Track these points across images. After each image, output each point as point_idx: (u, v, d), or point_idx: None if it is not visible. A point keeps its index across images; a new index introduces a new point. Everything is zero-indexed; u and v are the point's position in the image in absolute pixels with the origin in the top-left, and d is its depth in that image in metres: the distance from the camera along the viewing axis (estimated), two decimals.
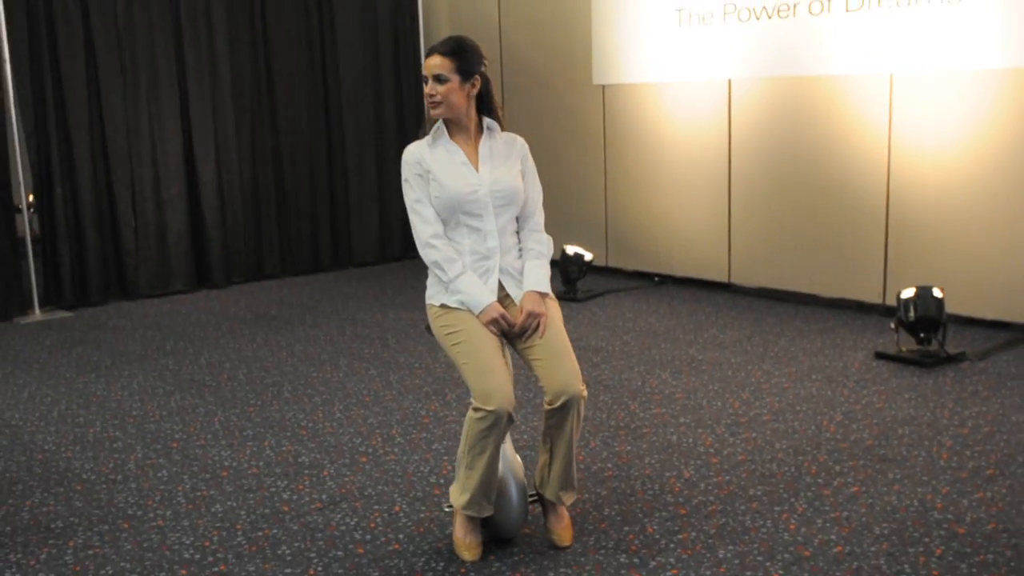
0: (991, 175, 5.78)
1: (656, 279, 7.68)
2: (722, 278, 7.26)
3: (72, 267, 7.51)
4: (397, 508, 3.71)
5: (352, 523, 3.60)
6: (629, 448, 4.21)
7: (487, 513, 3.29)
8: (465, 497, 3.25)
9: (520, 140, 3.45)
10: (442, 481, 3.94)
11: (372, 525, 3.57)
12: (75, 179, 7.49)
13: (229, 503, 3.82)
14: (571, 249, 7.27)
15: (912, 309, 5.29)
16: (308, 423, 4.71)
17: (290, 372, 5.61)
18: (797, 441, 4.22)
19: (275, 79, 8.40)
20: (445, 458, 4.18)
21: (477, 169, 3.31)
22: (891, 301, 6.23)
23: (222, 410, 4.97)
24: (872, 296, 6.40)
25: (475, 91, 3.31)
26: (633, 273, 7.85)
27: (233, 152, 8.20)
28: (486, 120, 3.36)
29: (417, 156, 3.33)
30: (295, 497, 3.85)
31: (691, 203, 7.38)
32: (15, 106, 7.18)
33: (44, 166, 7.38)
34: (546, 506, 3.40)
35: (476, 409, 3.11)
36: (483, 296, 3.24)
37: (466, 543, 3.31)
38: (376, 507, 3.73)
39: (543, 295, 3.32)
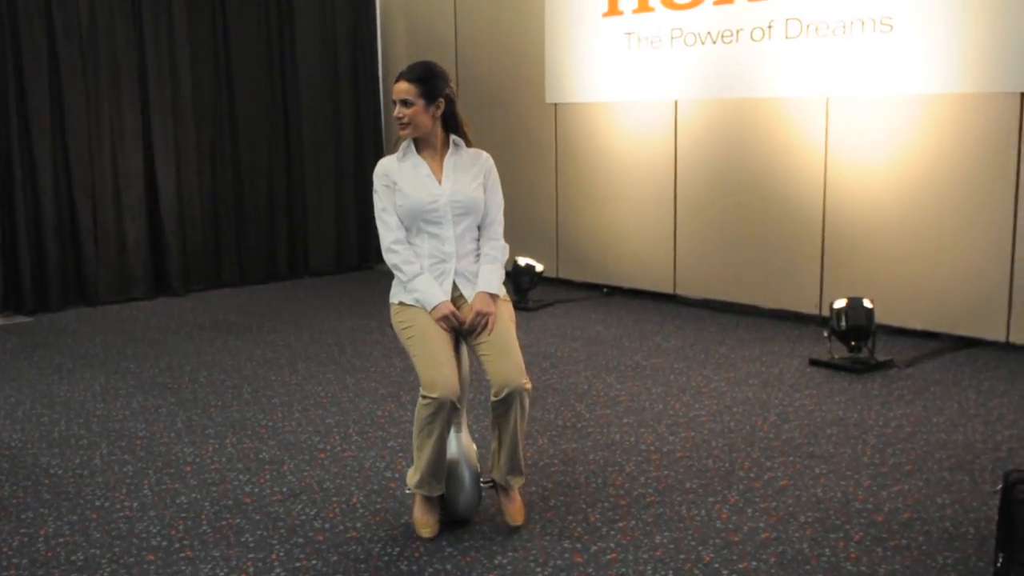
0: (920, 193, 6.13)
1: (605, 290, 7.95)
2: (668, 289, 7.55)
3: (32, 273, 7.62)
4: (355, 500, 3.92)
5: (312, 513, 3.80)
6: (575, 446, 4.46)
7: (437, 492, 3.60)
8: (417, 477, 3.59)
9: (485, 155, 3.79)
10: (397, 475, 4.15)
11: (331, 515, 3.78)
12: (36, 186, 7.60)
13: (193, 495, 4.00)
14: (523, 260, 7.52)
15: (844, 319, 5.60)
16: (268, 422, 4.90)
17: (249, 375, 5.79)
18: (732, 440, 4.49)
19: (235, 90, 8.58)
20: (400, 454, 4.40)
21: (440, 181, 3.64)
22: (827, 312, 6.53)
23: (184, 410, 5.14)
24: (809, 307, 6.72)
25: (439, 112, 3.64)
26: (582, 284, 8.12)
27: (193, 162, 8.37)
28: (452, 137, 3.70)
29: (386, 169, 3.67)
30: (256, 490, 4.04)
31: (639, 217, 7.66)
32: None
33: (5, 173, 7.49)
34: (499, 489, 3.69)
35: (423, 396, 3.44)
36: (436, 295, 3.57)
37: (424, 521, 3.61)
38: (335, 499, 3.93)
39: (493, 296, 3.63)
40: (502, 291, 3.68)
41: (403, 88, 3.58)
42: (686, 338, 6.41)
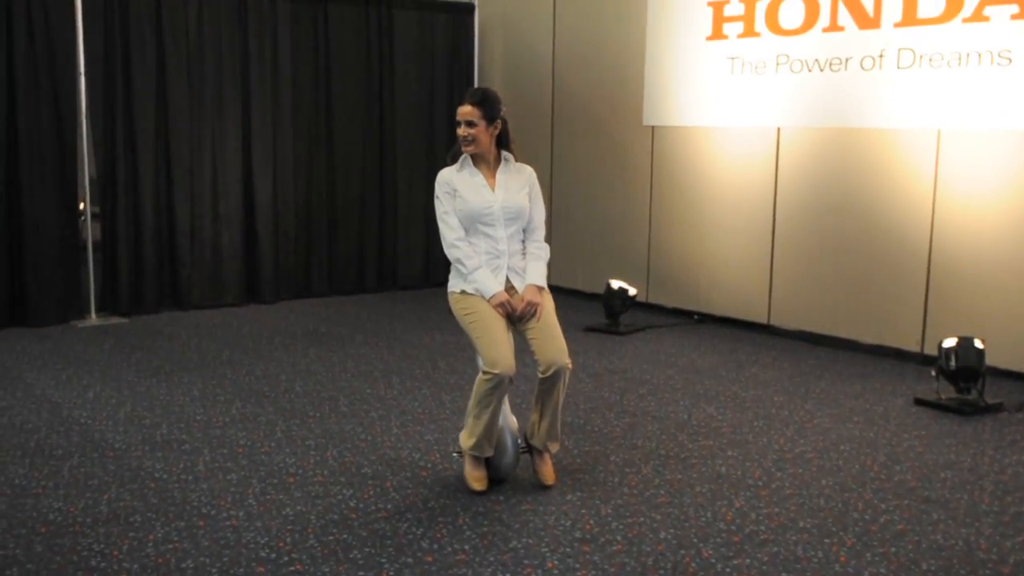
0: None
1: (696, 317, 7.85)
2: (762, 319, 7.42)
3: (129, 275, 7.75)
4: (460, 520, 3.88)
5: (419, 532, 3.77)
6: (680, 476, 4.37)
7: (489, 453, 4.17)
8: (472, 440, 4.14)
9: (529, 170, 4.37)
10: (502, 497, 4.11)
11: (438, 535, 3.74)
12: (138, 189, 7.74)
13: (298, 507, 4.00)
14: (615, 283, 7.46)
15: (953, 358, 5.44)
16: (367, 436, 4.90)
17: (345, 387, 5.80)
18: (842, 479, 4.37)
19: (334, 105, 8.65)
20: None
21: (493, 190, 4.23)
22: (929, 350, 6.37)
23: (283, 420, 5.16)
24: (911, 344, 6.55)
25: (496, 132, 4.24)
26: (672, 310, 8.02)
27: (289, 173, 8.46)
28: (504, 153, 4.29)
29: (447, 178, 4.26)
30: (362, 505, 4.03)
31: (734, 245, 7.56)
32: (86, 117, 7.44)
33: (109, 175, 7.64)
34: (533, 454, 4.30)
35: (485, 372, 4.02)
36: (493, 286, 4.15)
37: (476, 476, 4.19)
38: (440, 519, 3.90)
39: (540, 288, 4.23)
40: (546, 284, 4.27)
41: (468, 111, 4.18)
42: (783, 370, 6.29)
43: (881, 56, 6.63)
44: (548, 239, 4.42)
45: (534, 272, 4.25)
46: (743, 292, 7.53)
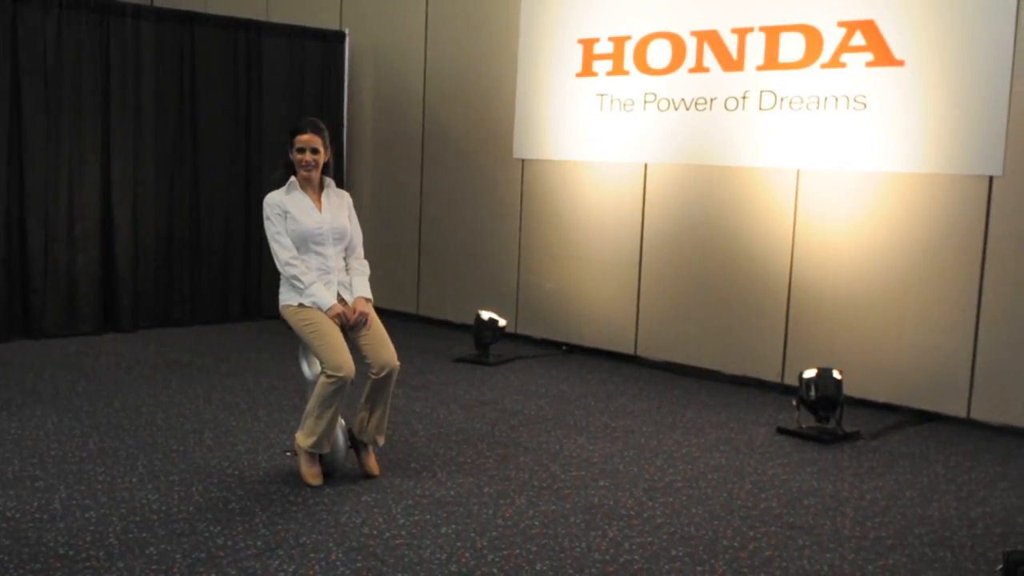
0: (886, 268, 6.23)
1: (564, 347, 7.92)
2: (629, 350, 7.55)
3: None
4: (333, 557, 3.80)
5: (290, 570, 3.67)
6: (554, 507, 4.39)
7: (327, 450, 4.58)
8: (313, 439, 4.51)
9: (347, 194, 4.83)
10: (375, 532, 4.04)
11: (310, 573, 3.65)
12: None
13: (163, 546, 3.84)
14: (485, 314, 7.47)
15: (813, 389, 5.64)
16: (234, 471, 4.75)
17: (210, 420, 5.62)
18: (711, 507, 4.46)
19: (199, 130, 8.45)
20: (376, 510, 4.28)
21: (320, 212, 4.65)
22: (789, 380, 6.59)
23: (144, 454, 4.96)
24: (771, 375, 6.76)
25: (327, 158, 4.69)
26: (541, 341, 8.08)
27: (150, 197, 8.20)
28: (325, 178, 4.73)
29: (277, 200, 4.64)
30: (230, 543, 3.89)
31: (602, 277, 7.68)
32: None
33: None
34: (360, 449, 4.72)
35: (329, 376, 4.40)
36: (329, 299, 4.58)
37: (312, 472, 4.57)
38: (312, 555, 3.80)
39: (368, 300, 4.69)
40: (371, 296, 4.73)
41: (313, 139, 4.62)
42: (651, 400, 6.40)
43: (744, 97, 6.87)
44: (417, 268, 4.75)
45: (360, 286, 4.72)
46: (611, 323, 7.65)
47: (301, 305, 4.56)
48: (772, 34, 6.73)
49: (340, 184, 9.30)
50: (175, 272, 8.43)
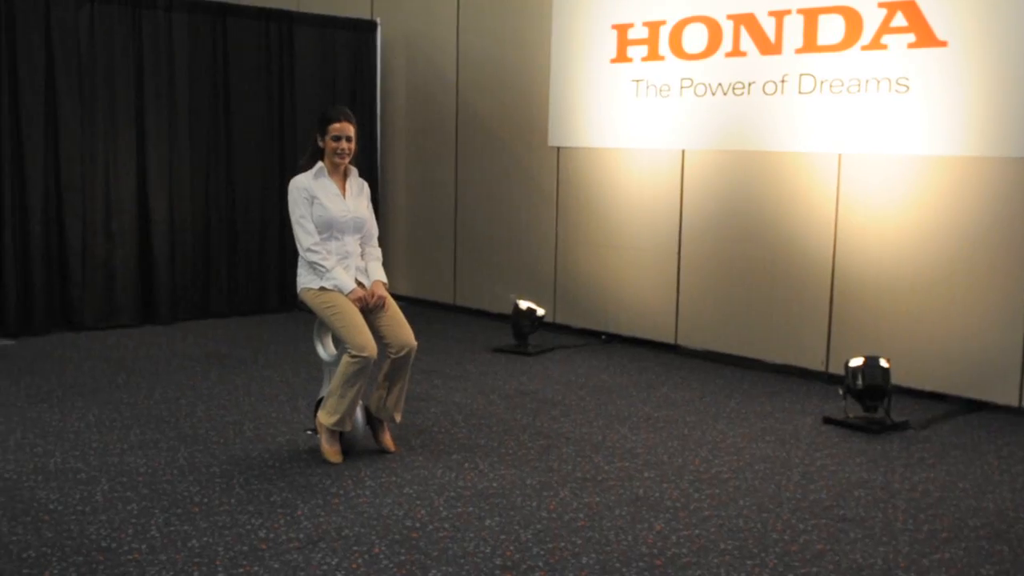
0: (932, 253, 6.10)
1: (603, 337, 7.84)
2: (669, 339, 7.46)
3: (17, 294, 7.38)
4: (376, 550, 3.75)
5: (333, 563, 3.63)
6: (598, 499, 4.32)
7: (349, 428, 4.71)
8: (336, 417, 4.64)
9: (366, 183, 4.95)
10: (417, 525, 3.99)
11: (354, 566, 3.61)
12: (26, 206, 7.39)
13: (205, 539, 3.81)
14: (523, 304, 7.40)
15: (860, 377, 5.52)
16: (275, 463, 4.72)
17: (250, 411, 5.60)
18: (759, 499, 4.37)
19: (233, 120, 8.43)
20: (418, 502, 4.23)
21: (345, 199, 4.77)
22: (834, 369, 6.48)
23: (184, 446, 4.95)
24: (815, 363, 6.65)
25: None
26: (580, 330, 8.00)
27: (186, 189, 8.20)
28: (350, 167, 4.84)
29: (305, 184, 4.73)
30: (272, 535, 3.86)
31: (641, 265, 7.59)
32: None
33: None
34: (375, 426, 4.89)
35: (353, 356, 4.54)
36: (349, 282, 4.71)
37: (333, 450, 4.71)
38: (355, 548, 3.76)
39: (384, 284, 4.85)
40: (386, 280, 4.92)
41: (349, 128, 4.72)
42: (693, 390, 6.31)
43: (783, 81, 6.75)
44: (454, 258, 4.73)
45: (377, 271, 4.87)
46: (650, 312, 7.56)
47: (322, 288, 4.68)
48: (811, 16, 6.60)
49: (374, 174, 9.31)
50: (212, 264, 8.42)
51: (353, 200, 4.81)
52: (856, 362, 5.58)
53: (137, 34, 7.83)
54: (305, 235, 4.69)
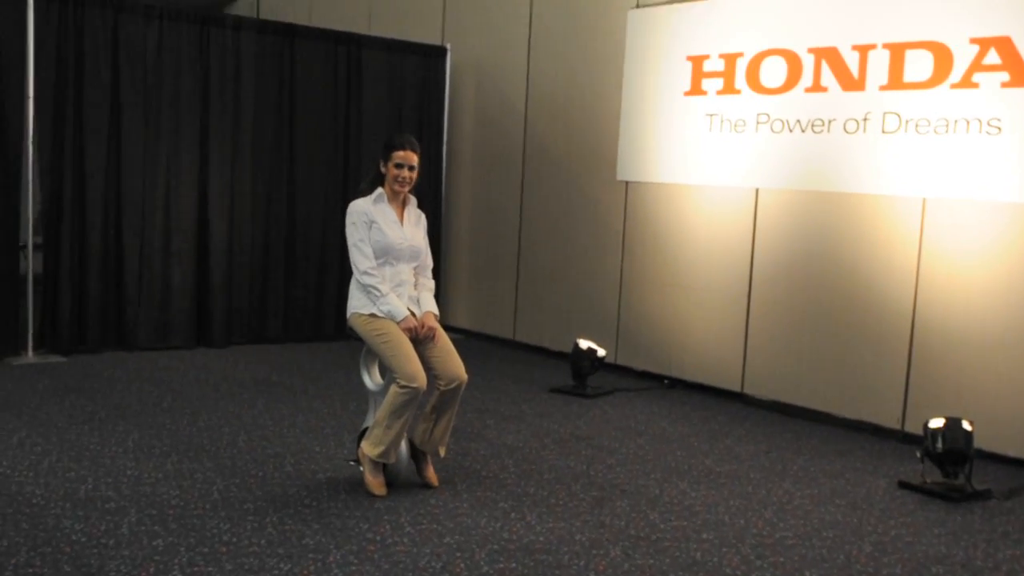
0: (1020, 308, 5.69)
1: (666, 381, 7.51)
2: (735, 387, 7.11)
3: (71, 311, 7.31)
4: None
5: None
6: (652, 562, 4.01)
7: (393, 460, 4.61)
8: (380, 448, 4.54)
9: (423, 215, 4.92)
10: None
11: None
12: (84, 222, 7.34)
13: None
14: (584, 343, 7.12)
15: (940, 440, 5.14)
16: (312, 502, 4.49)
17: (292, 444, 5.39)
18: (827, 570, 4.02)
19: (297, 144, 8.31)
20: (458, 555, 3.97)
21: (402, 227, 4.73)
22: (910, 428, 6.09)
23: (221, 478, 4.75)
24: (890, 421, 6.26)
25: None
26: (642, 373, 7.69)
27: (247, 212, 8.09)
28: (410, 195, 4.82)
29: (365, 208, 4.70)
30: None
31: (708, 308, 7.26)
32: (32, 143, 7.03)
33: (55, 206, 7.23)
34: (419, 459, 4.77)
35: (402, 386, 4.45)
36: (403, 310, 4.62)
37: (376, 482, 4.60)
38: None
39: (435, 315, 4.75)
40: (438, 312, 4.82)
41: (413, 157, 4.68)
42: (759, 444, 5.96)
43: (865, 119, 6.42)
44: (515, 292, 4.47)
45: (428, 302, 4.76)
46: (716, 358, 7.23)
47: (373, 315, 4.60)
48: (897, 51, 6.26)
49: (438, 202, 9.13)
50: (270, 288, 8.29)
51: (411, 228, 4.77)
52: (936, 423, 5.20)
53: (204, 53, 7.76)
54: (362, 258, 4.64)
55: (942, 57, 6.04)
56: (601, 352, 7.10)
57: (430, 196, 9.05)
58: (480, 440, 5.65)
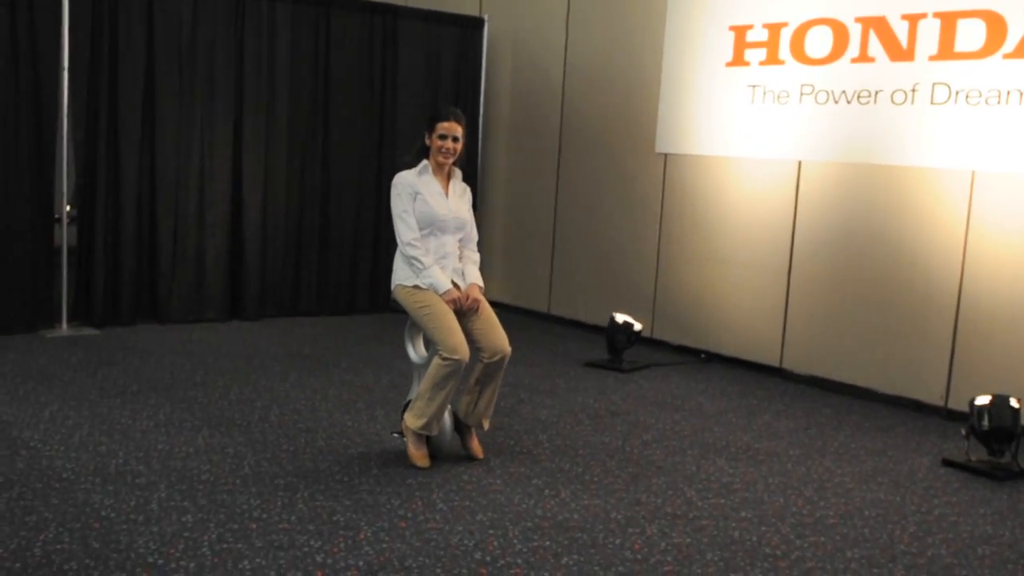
0: None
1: (703, 356, 7.39)
2: (773, 362, 6.97)
3: (105, 284, 7.30)
4: None
5: None
6: (689, 540, 3.92)
7: (435, 432, 4.59)
8: (423, 420, 4.52)
9: (468, 188, 4.86)
10: (488, 559, 3.65)
11: None
12: (119, 195, 7.31)
13: (258, 560, 3.54)
14: (620, 317, 7.01)
15: (986, 418, 4.99)
16: (344, 478, 4.44)
17: (324, 419, 5.34)
18: (869, 551, 3.91)
19: (332, 116, 8.23)
20: (491, 532, 3.90)
21: (447, 199, 4.68)
22: (954, 404, 5.94)
23: (252, 453, 4.71)
24: (934, 397, 6.10)
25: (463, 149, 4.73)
26: (678, 347, 7.57)
27: (282, 185, 8.03)
28: (454, 168, 4.77)
29: (410, 180, 4.67)
30: (329, 560, 3.57)
31: (748, 282, 7.12)
32: (67, 116, 7.01)
33: (89, 178, 7.21)
34: (463, 432, 4.75)
35: (444, 358, 4.42)
36: (446, 282, 4.60)
37: (419, 454, 4.58)
38: None
39: (480, 287, 4.72)
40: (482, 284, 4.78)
41: (456, 128, 4.65)
42: (798, 420, 5.84)
43: (914, 90, 6.23)
44: (551, 265, 4.35)
45: (473, 274, 4.74)
46: (755, 332, 7.09)
47: (416, 287, 4.58)
48: (948, 20, 6.06)
49: (474, 175, 9.03)
50: (303, 262, 8.24)
51: (456, 200, 4.73)
52: (982, 400, 5.05)
53: (239, 24, 7.68)
54: (407, 229, 4.60)
55: (995, 26, 5.84)
56: (637, 326, 6.99)
57: (466, 168, 8.94)
58: (514, 415, 5.57)
